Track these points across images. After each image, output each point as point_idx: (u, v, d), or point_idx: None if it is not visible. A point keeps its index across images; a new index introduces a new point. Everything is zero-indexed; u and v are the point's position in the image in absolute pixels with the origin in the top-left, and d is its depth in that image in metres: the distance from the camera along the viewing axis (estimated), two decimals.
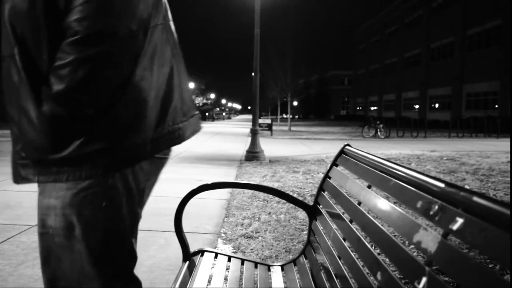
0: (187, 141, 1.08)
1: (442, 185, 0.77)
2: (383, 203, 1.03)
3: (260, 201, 4.24)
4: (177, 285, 1.34)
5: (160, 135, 0.97)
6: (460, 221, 0.67)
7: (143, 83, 0.90)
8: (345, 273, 1.15)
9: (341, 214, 1.35)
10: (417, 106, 37.19)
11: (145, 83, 0.90)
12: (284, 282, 1.52)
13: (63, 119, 0.82)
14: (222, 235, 3.16)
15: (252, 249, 2.80)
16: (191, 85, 59.92)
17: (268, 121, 19.45)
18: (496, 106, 25.58)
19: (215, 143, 12.84)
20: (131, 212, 0.97)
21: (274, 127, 21.03)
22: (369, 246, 1.04)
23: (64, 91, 0.80)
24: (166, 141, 0.99)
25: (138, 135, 0.91)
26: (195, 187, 1.57)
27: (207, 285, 1.44)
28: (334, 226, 1.39)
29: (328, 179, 1.66)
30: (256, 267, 1.61)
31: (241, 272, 1.56)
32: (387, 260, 0.95)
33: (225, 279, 1.53)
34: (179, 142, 1.03)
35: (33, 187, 0.92)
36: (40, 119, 0.82)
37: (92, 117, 0.83)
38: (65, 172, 0.85)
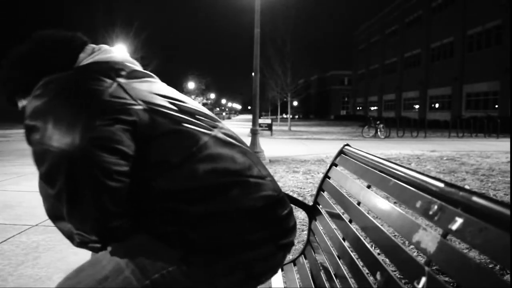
0: None
1: (441, 185, 0.77)
2: (382, 203, 1.03)
3: None
4: None
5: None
6: (459, 221, 0.67)
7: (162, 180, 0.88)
8: (345, 273, 1.15)
9: (341, 214, 1.35)
10: (417, 106, 37.16)
11: (164, 181, 0.88)
12: (284, 282, 1.52)
13: (78, 243, 0.90)
14: None
15: None
16: (191, 85, 59.89)
17: (268, 121, 19.44)
18: (496, 106, 25.55)
19: None
20: None
21: (274, 127, 21.03)
22: (368, 246, 1.04)
23: (71, 225, 0.87)
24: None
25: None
26: None
27: None
28: (333, 226, 1.39)
29: (327, 179, 1.66)
30: None
31: None
32: (387, 260, 0.95)
33: None
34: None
35: (33, 187, 0.93)
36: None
37: (105, 239, 0.87)
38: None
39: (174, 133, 0.91)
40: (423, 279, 0.71)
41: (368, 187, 1.20)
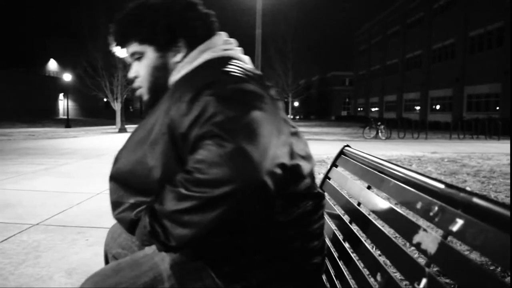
0: None
1: (441, 186, 0.77)
2: (383, 204, 1.03)
3: None
4: None
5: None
6: (460, 222, 0.67)
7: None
8: (346, 274, 1.15)
9: (341, 215, 1.35)
10: (418, 108, 37.12)
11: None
12: None
13: (148, 233, 0.82)
14: None
15: None
16: None
17: None
18: (498, 108, 25.50)
19: None
20: None
21: None
22: (369, 247, 1.04)
23: (164, 212, 0.79)
24: None
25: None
26: None
27: None
28: (333, 227, 1.39)
29: (328, 180, 1.66)
30: None
31: None
32: (387, 261, 0.95)
33: None
34: None
35: (34, 186, 0.93)
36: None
37: (174, 249, 0.81)
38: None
39: (288, 169, 0.85)
40: (424, 281, 0.70)
41: (369, 188, 1.20)
